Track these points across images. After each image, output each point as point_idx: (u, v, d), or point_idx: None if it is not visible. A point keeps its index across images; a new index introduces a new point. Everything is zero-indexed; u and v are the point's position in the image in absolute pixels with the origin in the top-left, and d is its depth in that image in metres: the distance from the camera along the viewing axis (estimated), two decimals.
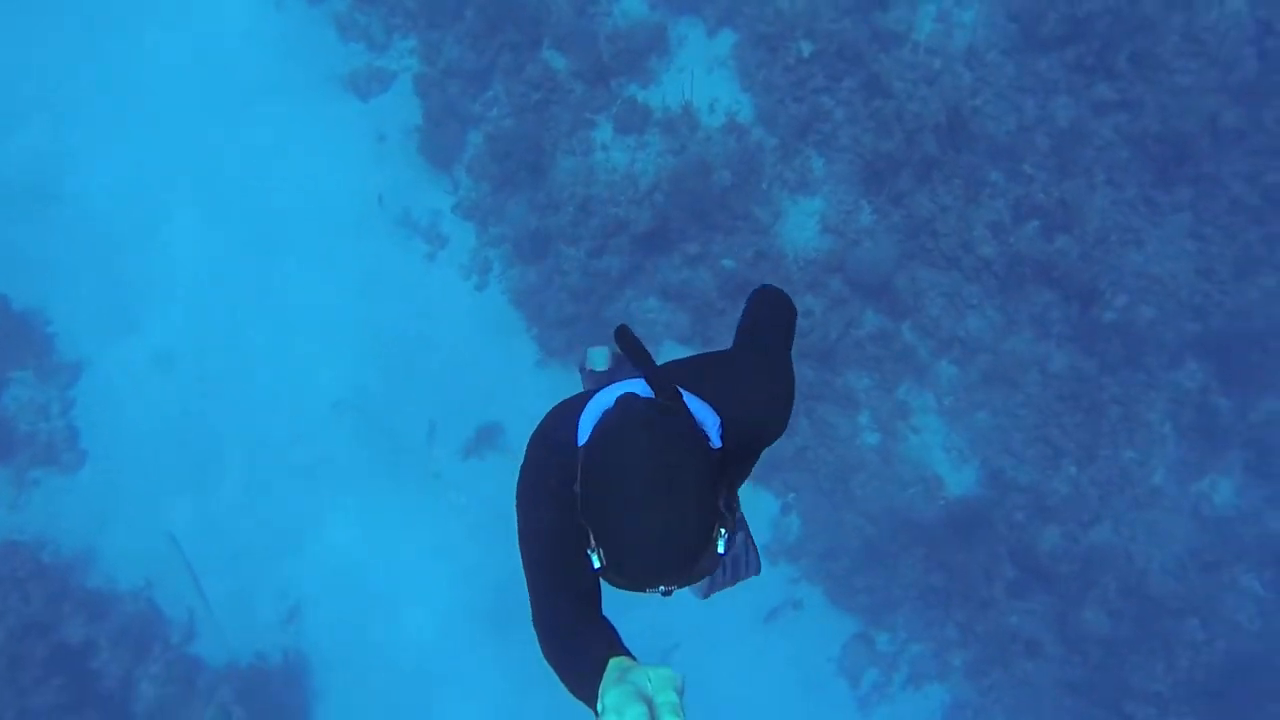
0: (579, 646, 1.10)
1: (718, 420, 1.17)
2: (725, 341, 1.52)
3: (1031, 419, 4.38)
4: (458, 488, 4.68)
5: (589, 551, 1.10)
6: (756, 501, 4.44)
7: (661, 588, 1.02)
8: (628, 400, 1.14)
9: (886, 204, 4.34)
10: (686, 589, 1.13)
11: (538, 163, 4.59)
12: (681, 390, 1.15)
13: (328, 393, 4.69)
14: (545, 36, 4.77)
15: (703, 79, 4.64)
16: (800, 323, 4.34)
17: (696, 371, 1.29)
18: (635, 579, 1.04)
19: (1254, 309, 4.37)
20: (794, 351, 3.55)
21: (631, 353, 1.10)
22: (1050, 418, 4.39)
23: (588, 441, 1.14)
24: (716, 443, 1.13)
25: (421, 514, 4.72)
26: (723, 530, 1.04)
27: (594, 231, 4.42)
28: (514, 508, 1.26)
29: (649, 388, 1.13)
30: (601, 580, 1.11)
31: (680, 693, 0.78)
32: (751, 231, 4.38)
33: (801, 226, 4.45)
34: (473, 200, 4.72)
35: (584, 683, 1.05)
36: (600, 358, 2.45)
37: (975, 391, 4.39)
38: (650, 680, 0.81)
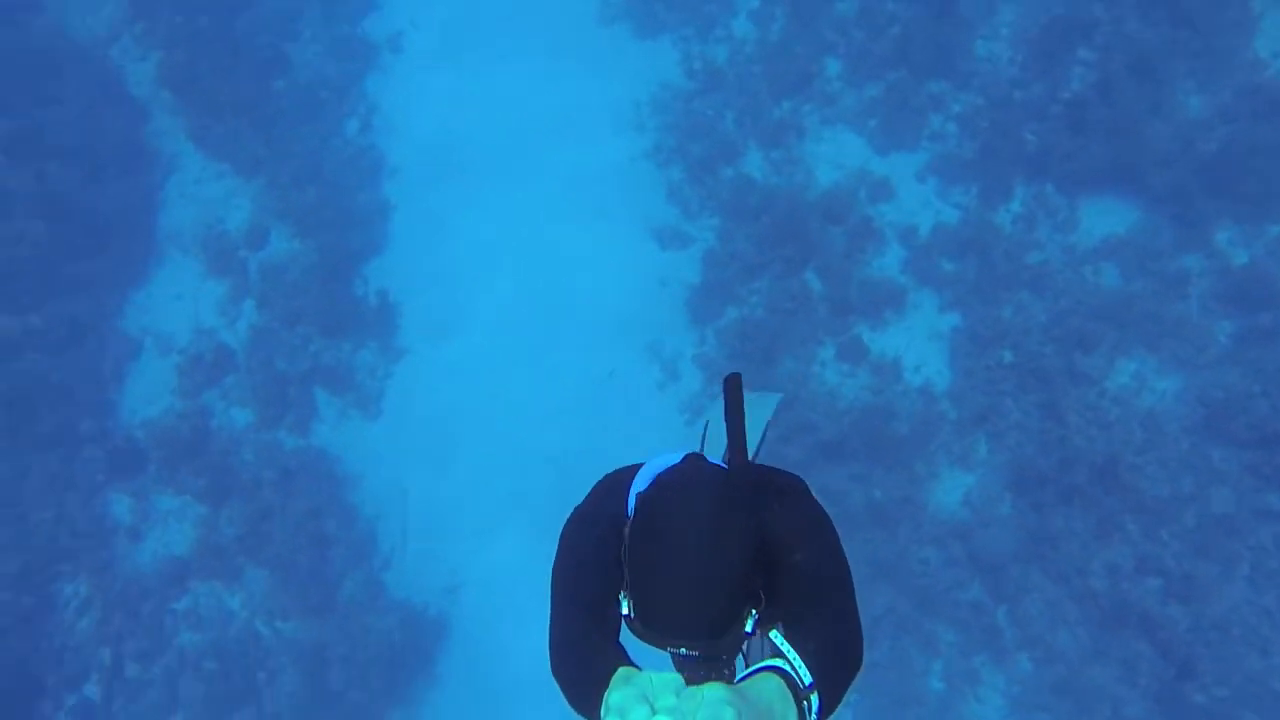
0: (589, 661, 1.14)
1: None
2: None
3: None
4: None
5: (621, 596, 1.18)
6: None
7: (682, 649, 1.10)
8: (696, 460, 1.25)
9: (1027, 508, 5.27)
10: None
11: (769, 353, 6.07)
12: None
13: (550, 447, 6.42)
14: (813, 261, 6.29)
15: (920, 344, 5.89)
16: (915, 566, 5.37)
17: (762, 469, 1.41)
18: (658, 634, 1.10)
19: None
20: (900, 586, 4.74)
21: (732, 406, 1.24)
22: None
23: (648, 489, 1.19)
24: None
25: None
26: (754, 611, 1.12)
27: (789, 424, 5.78)
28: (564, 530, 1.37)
29: (730, 448, 1.26)
30: (624, 627, 1.19)
31: (679, 697, 0.78)
32: (907, 479, 5.50)
33: (949, 492, 5.50)
34: (709, 357, 6.30)
35: (589, 695, 1.07)
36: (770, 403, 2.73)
37: (1044, 695, 5.11)
38: (653, 684, 0.82)
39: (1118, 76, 5.99)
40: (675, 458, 1.33)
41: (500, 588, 6.17)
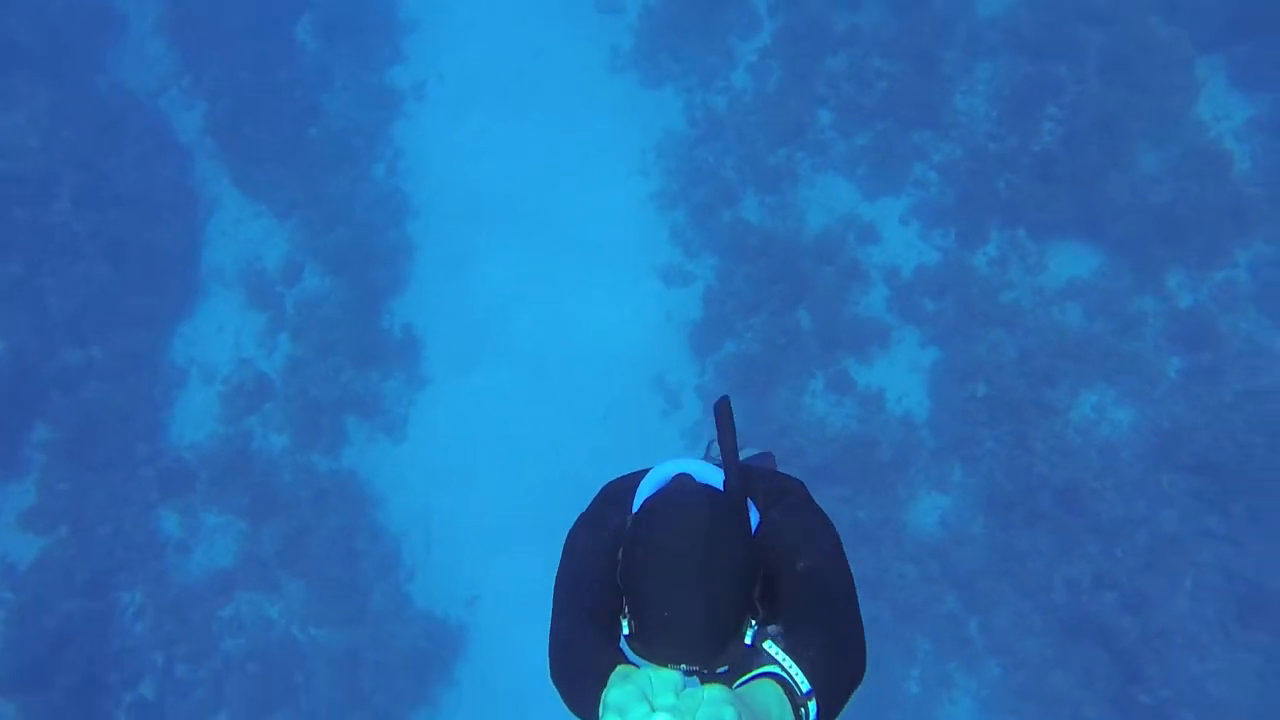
0: (587, 663, 1.22)
1: (759, 518, 1.38)
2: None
3: None
4: None
5: (621, 617, 1.29)
6: None
7: (684, 666, 1.19)
8: (683, 481, 1.34)
9: (997, 528, 6.12)
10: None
11: (764, 384, 6.99)
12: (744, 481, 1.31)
13: (563, 469, 7.33)
14: (805, 300, 7.22)
15: (902, 377, 6.79)
16: (895, 580, 6.23)
17: (761, 474, 1.49)
18: (657, 653, 1.21)
19: None
20: (881, 599, 5.66)
21: (724, 428, 1.32)
22: None
23: (639, 511, 1.31)
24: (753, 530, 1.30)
25: None
26: (753, 622, 1.22)
27: (783, 449, 6.67)
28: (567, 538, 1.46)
29: (725, 468, 1.32)
30: (626, 647, 1.28)
31: (678, 696, 0.84)
32: (889, 501, 6.37)
33: (926, 513, 6.37)
34: (709, 388, 7.21)
35: (587, 696, 1.17)
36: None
37: (1011, 698, 5.94)
38: (651, 682, 0.87)
39: (1082, 132, 6.92)
40: (678, 466, 1.40)
41: (515, 598, 7.06)
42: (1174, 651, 5.67)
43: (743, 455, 2.71)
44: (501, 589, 7.20)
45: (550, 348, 7.83)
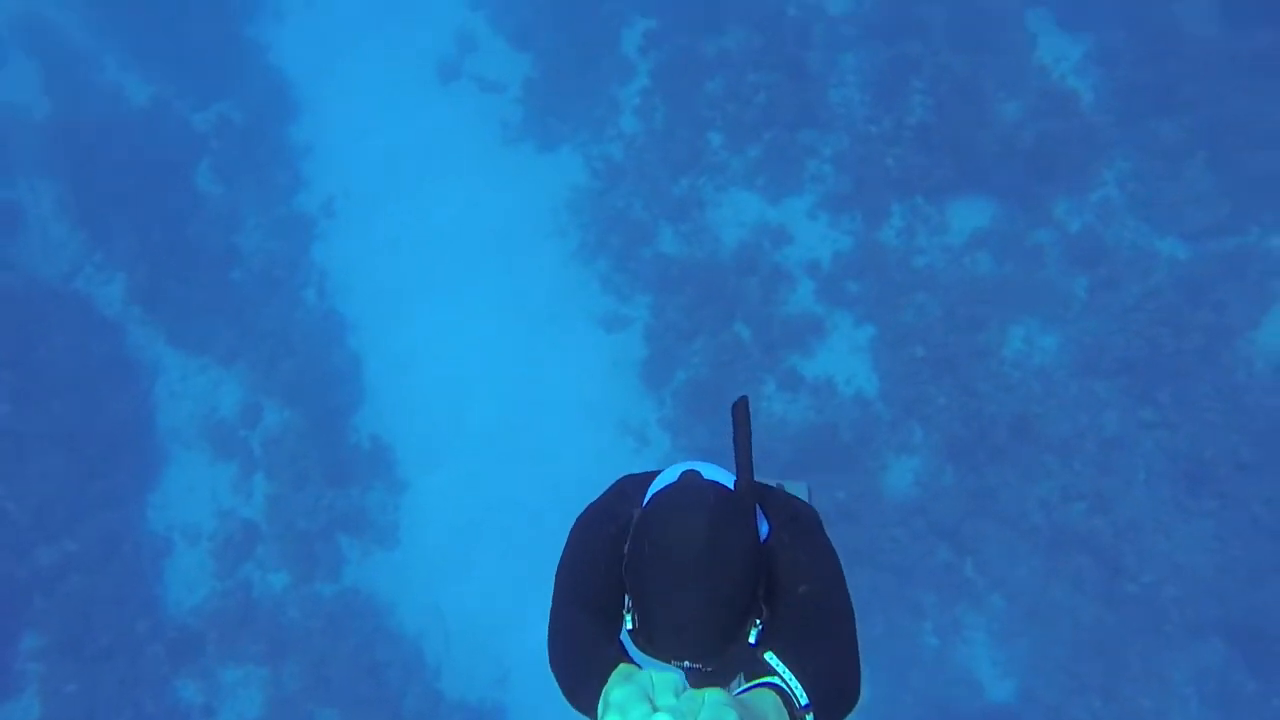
0: (588, 657, 1.28)
1: (768, 529, 1.42)
2: None
3: (1062, 655, 6.40)
4: None
5: (625, 612, 1.34)
6: None
7: (686, 662, 1.24)
8: (691, 477, 1.37)
9: (965, 472, 6.76)
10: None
11: (719, 401, 7.54)
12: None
13: (554, 531, 7.75)
14: (738, 314, 7.84)
15: (846, 359, 7.43)
16: (886, 546, 6.79)
17: (776, 494, 1.54)
18: (661, 648, 1.25)
19: (1270, 608, 6.14)
20: (879, 566, 6.27)
21: (740, 427, 1.37)
22: (1079, 657, 6.37)
23: (646, 506, 1.36)
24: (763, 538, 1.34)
25: None
26: (758, 621, 1.25)
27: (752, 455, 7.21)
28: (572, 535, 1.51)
29: (737, 468, 1.37)
30: (629, 643, 1.32)
31: (679, 697, 0.86)
32: (862, 476, 6.96)
33: (900, 477, 6.98)
34: (671, 418, 7.76)
35: (586, 688, 1.22)
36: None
37: (1018, 623, 6.51)
38: (653, 683, 0.89)
39: (947, 98, 7.76)
40: (690, 465, 1.43)
41: (543, 665, 7.39)
42: (1144, 538, 6.33)
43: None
44: (528, 660, 7.54)
45: (514, 420, 8.28)
